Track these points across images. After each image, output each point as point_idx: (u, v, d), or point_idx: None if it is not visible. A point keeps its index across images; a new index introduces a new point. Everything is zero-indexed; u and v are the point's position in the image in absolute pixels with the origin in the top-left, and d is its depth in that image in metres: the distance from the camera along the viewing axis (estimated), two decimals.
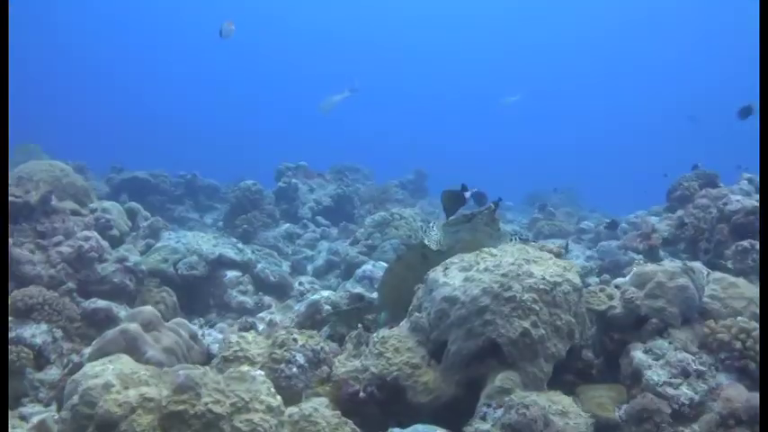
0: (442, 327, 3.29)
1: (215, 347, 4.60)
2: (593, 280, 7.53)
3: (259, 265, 7.40)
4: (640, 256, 6.86)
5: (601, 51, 48.35)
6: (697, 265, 4.40)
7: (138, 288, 6.13)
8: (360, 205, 13.73)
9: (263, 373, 3.01)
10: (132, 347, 4.01)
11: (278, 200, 12.60)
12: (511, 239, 4.47)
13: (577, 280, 3.43)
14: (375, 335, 3.50)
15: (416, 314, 3.46)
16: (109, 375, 2.68)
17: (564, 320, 3.26)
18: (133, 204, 8.82)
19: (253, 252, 7.70)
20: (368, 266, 7.63)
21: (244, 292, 6.92)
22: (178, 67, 50.39)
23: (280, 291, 7.38)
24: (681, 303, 3.57)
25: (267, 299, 7.01)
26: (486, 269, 3.34)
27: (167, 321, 5.70)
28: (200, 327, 6.29)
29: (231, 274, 7.04)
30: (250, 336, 3.67)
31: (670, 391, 3.22)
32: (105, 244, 6.16)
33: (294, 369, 3.30)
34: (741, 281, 3.83)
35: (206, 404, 2.63)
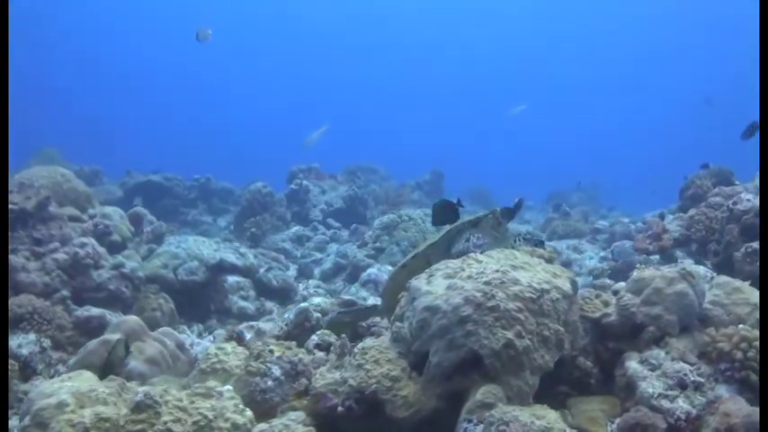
0: (424, 337, 3.13)
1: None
2: (603, 282, 7.33)
3: (261, 270, 7.30)
4: (656, 257, 6.65)
5: (622, 47, 47.83)
6: (699, 269, 4.22)
7: (134, 295, 6.05)
8: (373, 206, 13.61)
9: (231, 387, 2.88)
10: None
11: (289, 202, 12.51)
12: (515, 242, 4.29)
13: (567, 287, 3.26)
14: (358, 345, 3.36)
15: (398, 324, 3.31)
16: (64, 394, 2.56)
17: (552, 330, 3.09)
18: (139, 209, 8.76)
19: (255, 256, 7.60)
20: (373, 270, 7.51)
21: (245, 298, 6.82)
22: (195, 70, 50.63)
23: (283, 296, 7.28)
24: (679, 310, 3.39)
25: (269, 304, 6.91)
26: (469, 277, 3.17)
27: (164, 328, 5.63)
28: (199, 334, 6.20)
29: (232, 279, 6.94)
30: (229, 347, 3.56)
31: (666, 404, 3.04)
32: (102, 250, 6.09)
33: (269, 382, 3.17)
34: (746, 286, 3.63)
35: (165, 423, 2.51)
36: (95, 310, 5.39)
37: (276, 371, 3.20)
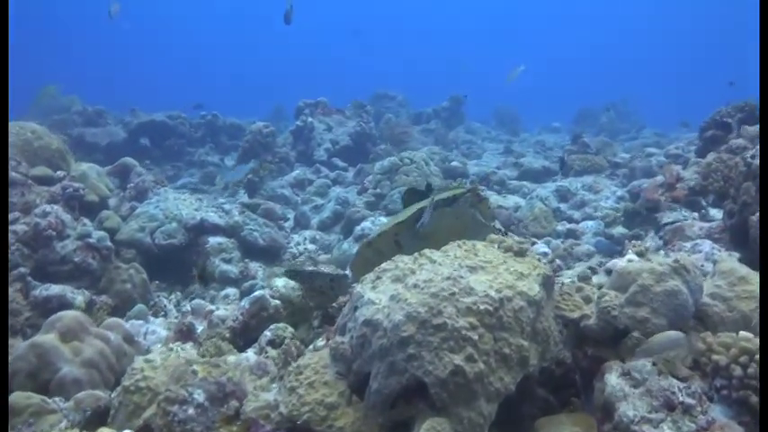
0: (365, 356, 2.69)
1: (157, 348, 4.15)
2: (617, 231, 6.79)
3: (246, 228, 6.87)
4: (678, 206, 6.02)
5: None
6: (704, 245, 3.69)
7: (103, 266, 5.69)
8: (386, 139, 13.06)
9: None
10: (44, 364, 3.58)
11: (295, 140, 12.03)
12: (500, 231, 3.77)
13: (535, 290, 2.76)
14: (294, 363, 2.94)
15: (338, 338, 2.85)
16: None
17: (514, 346, 2.62)
18: (127, 160, 8.37)
19: (240, 213, 7.15)
20: (366, 224, 7.07)
21: (228, 261, 6.43)
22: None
23: (271, 254, 6.88)
24: (669, 312, 2.88)
25: (254, 265, 6.52)
26: (415, 285, 2.69)
27: (137, 300, 5.28)
28: (178, 302, 5.87)
29: (214, 240, 6.55)
30: (159, 358, 3.16)
31: (648, 430, 2.58)
32: (67, 218, 5.71)
33: (190, 410, 2.76)
34: (753, 275, 3.09)
35: None
36: (55, 289, 5.05)
37: (199, 396, 2.79)
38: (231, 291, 5.99)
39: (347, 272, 4.44)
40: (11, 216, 5.45)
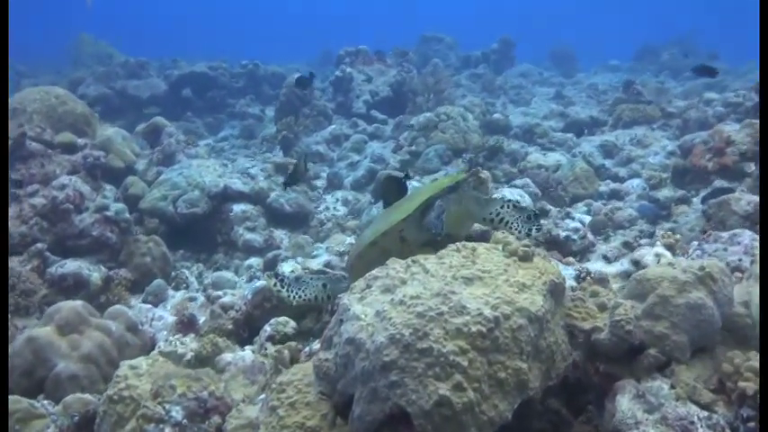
0: (348, 377, 2.48)
1: (162, 335, 4.04)
2: (662, 194, 6.36)
3: (272, 194, 6.66)
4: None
5: None
6: (742, 242, 3.33)
7: (123, 239, 5.59)
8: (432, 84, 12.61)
9: None
10: (39, 361, 3.49)
11: (335, 92, 11.70)
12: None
13: (538, 305, 2.47)
14: (277, 378, 2.75)
15: (322, 354, 2.64)
16: None
17: (510, 370, 2.36)
18: (158, 119, 8.24)
19: (266, 178, 6.95)
20: None
21: (252, 229, 6.25)
22: None
23: (298, 221, 6.68)
24: (692, 329, 2.56)
25: (279, 233, 6.33)
26: (401, 302, 2.44)
27: (156, 274, 5.18)
28: (200, 274, 5.77)
29: (238, 208, 6.37)
30: (145, 363, 3.01)
31: None
32: (86, 189, 5.61)
33: (167, 430, 2.61)
34: None
35: None
36: (71, 266, 4.97)
37: (177, 413, 2.64)
38: (255, 261, 5.84)
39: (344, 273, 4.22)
40: (30, 188, 5.38)
